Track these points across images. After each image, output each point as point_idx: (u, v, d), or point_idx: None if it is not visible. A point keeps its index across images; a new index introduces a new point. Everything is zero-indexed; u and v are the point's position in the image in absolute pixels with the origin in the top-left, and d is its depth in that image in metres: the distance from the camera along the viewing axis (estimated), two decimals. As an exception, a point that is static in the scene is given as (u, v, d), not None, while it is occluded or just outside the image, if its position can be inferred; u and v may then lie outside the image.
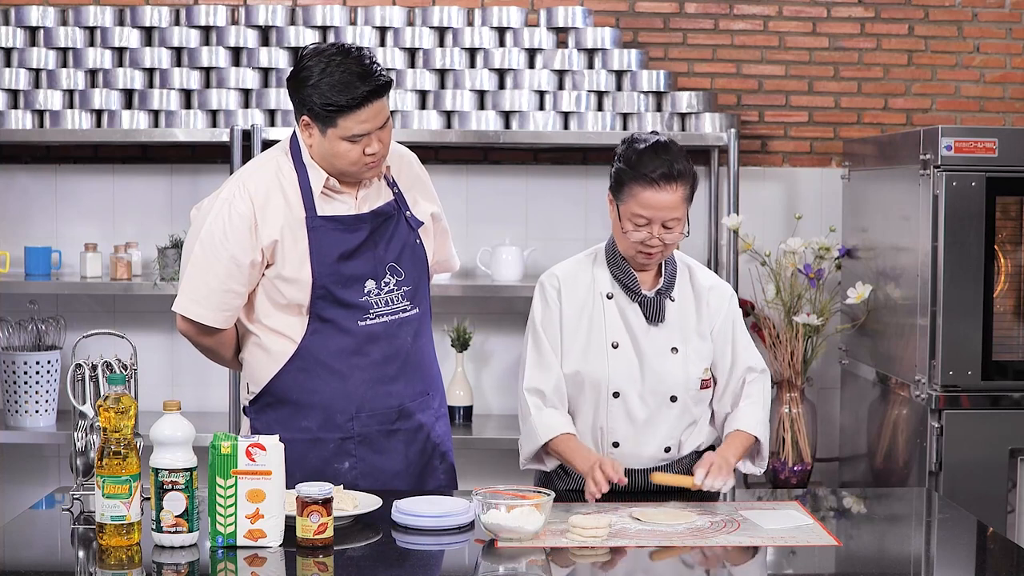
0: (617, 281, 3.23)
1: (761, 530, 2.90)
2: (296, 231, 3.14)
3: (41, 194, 4.94)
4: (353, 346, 3.19)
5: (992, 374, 4.11)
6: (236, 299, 3.17)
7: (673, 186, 3.10)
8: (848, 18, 5.06)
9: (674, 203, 3.11)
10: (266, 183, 3.16)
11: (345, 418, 3.21)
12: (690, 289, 3.28)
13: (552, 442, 3.18)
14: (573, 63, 4.79)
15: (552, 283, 3.27)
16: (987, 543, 3.00)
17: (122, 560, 2.68)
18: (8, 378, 4.65)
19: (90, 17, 4.75)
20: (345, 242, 3.16)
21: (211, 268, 3.13)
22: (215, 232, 3.12)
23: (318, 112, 3.06)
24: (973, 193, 4.07)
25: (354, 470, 3.23)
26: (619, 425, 3.21)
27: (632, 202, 3.12)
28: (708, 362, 3.26)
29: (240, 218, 3.12)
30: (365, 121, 3.06)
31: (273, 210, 3.14)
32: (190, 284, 3.16)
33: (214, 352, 3.32)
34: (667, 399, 3.21)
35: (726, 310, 3.29)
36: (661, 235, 3.12)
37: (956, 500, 3.74)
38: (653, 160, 3.11)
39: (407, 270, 3.24)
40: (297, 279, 3.15)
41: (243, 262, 3.12)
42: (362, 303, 3.18)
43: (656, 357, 3.20)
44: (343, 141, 3.08)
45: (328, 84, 3.03)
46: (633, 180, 3.12)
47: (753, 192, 4.98)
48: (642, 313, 3.22)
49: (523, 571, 2.64)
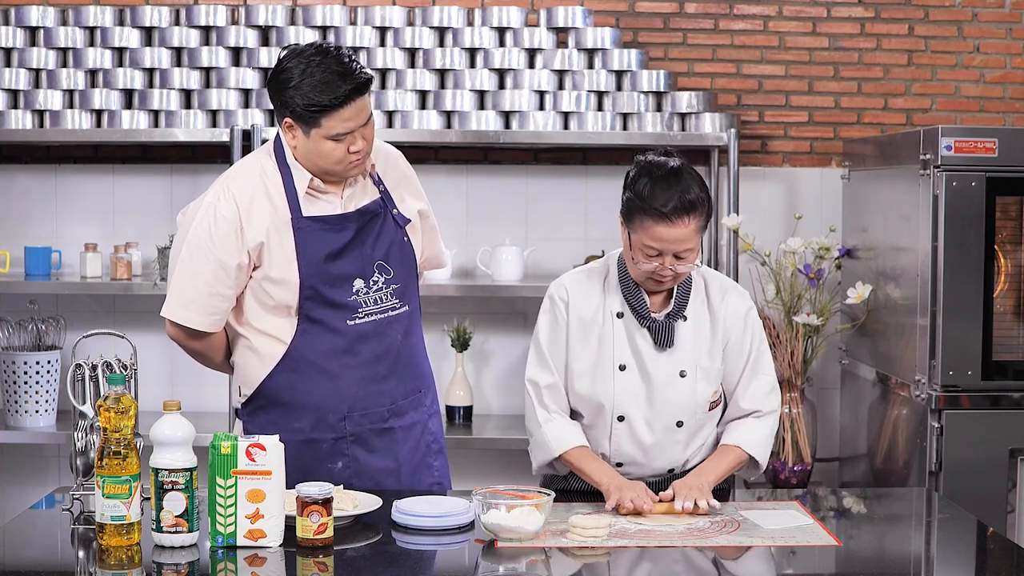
0: (627, 302, 3.14)
1: (761, 530, 2.90)
2: (282, 232, 3.13)
3: (41, 194, 4.94)
4: (343, 346, 3.18)
5: (992, 374, 4.11)
6: (224, 302, 3.16)
7: (686, 220, 2.97)
8: (848, 18, 5.06)
9: (687, 236, 2.98)
10: (251, 185, 3.15)
11: (337, 418, 3.21)
12: (705, 306, 3.16)
13: (565, 455, 3.14)
14: (573, 63, 4.79)
15: (561, 295, 3.18)
16: (987, 543, 3.00)
17: (122, 560, 2.68)
18: (8, 378, 4.65)
19: (90, 17, 4.75)
20: (332, 242, 3.15)
21: (198, 272, 3.13)
22: (201, 236, 3.12)
23: (301, 113, 3.05)
24: (973, 193, 4.07)
25: (347, 470, 3.22)
26: (624, 448, 3.15)
27: (643, 233, 3.00)
28: (717, 384, 3.16)
29: (225, 221, 3.11)
30: (348, 120, 3.05)
31: (258, 212, 3.13)
32: (178, 288, 3.16)
33: (204, 356, 3.31)
34: (674, 424, 3.14)
35: (741, 327, 3.16)
36: (673, 265, 3.01)
37: (956, 500, 3.74)
38: (664, 193, 2.96)
39: (395, 268, 3.23)
40: (284, 280, 3.14)
41: (229, 265, 3.12)
42: (351, 302, 3.17)
43: (664, 382, 3.12)
44: (327, 140, 3.07)
45: (309, 85, 3.02)
46: (643, 213, 2.98)
47: (753, 192, 4.98)
48: (651, 338, 3.12)
49: (523, 571, 2.64)
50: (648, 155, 3.08)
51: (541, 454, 3.18)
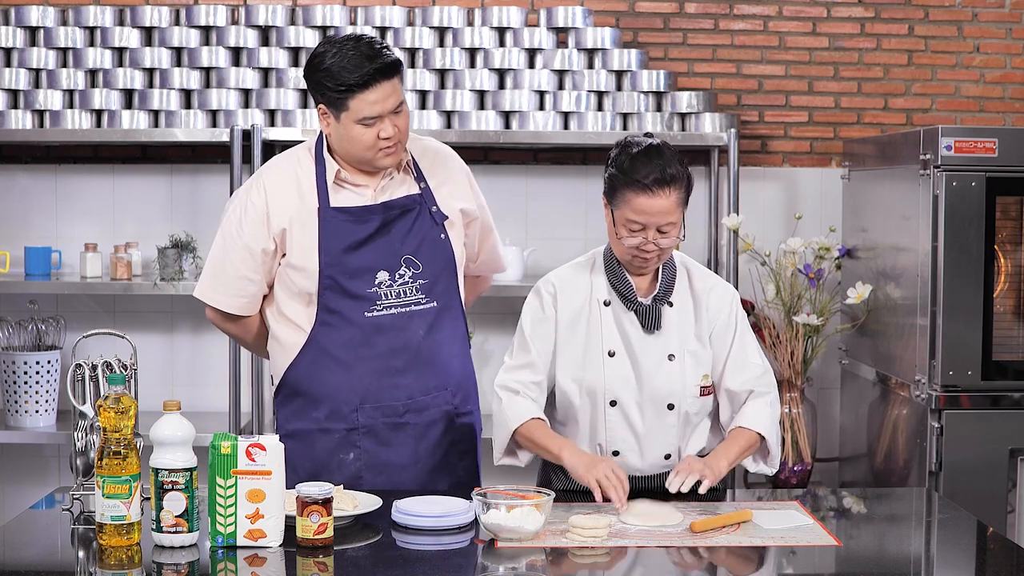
0: (613, 288, 3.19)
1: (761, 530, 2.90)
2: (306, 221, 3.22)
3: (41, 194, 4.94)
4: (360, 337, 3.23)
5: (992, 374, 4.11)
6: (251, 286, 3.28)
7: (667, 191, 3.05)
8: (848, 18, 5.06)
9: (668, 208, 3.06)
10: (283, 175, 3.27)
11: (350, 409, 3.26)
12: (689, 293, 3.22)
13: (522, 428, 3.14)
14: (573, 63, 4.79)
15: (548, 289, 3.23)
16: (987, 543, 3.00)
17: (122, 560, 2.68)
18: (8, 378, 4.65)
19: (90, 17, 4.75)
20: (353, 233, 3.21)
21: (227, 256, 3.27)
22: (232, 222, 3.27)
23: (331, 96, 3.15)
24: (973, 193, 4.07)
25: (358, 461, 3.26)
26: (618, 434, 3.18)
27: (626, 208, 3.07)
28: (707, 368, 3.21)
29: (254, 208, 3.24)
30: (375, 102, 3.13)
31: (285, 200, 3.23)
32: (209, 271, 3.32)
33: (241, 340, 3.46)
34: (665, 407, 3.17)
35: (727, 313, 3.22)
36: (656, 239, 3.07)
37: (956, 500, 3.74)
38: (646, 165, 3.05)
39: (426, 263, 3.26)
40: (304, 267, 3.22)
41: (255, 250, 3.24)
42: (369, 294, 3.22)
43: (653, 365, 3.16)
44: (356, 124, 3.15)
45: (338, 66, 3.13)
46: (626, 186, 3.06)
47: (753, 192, 4.99)
48: (638, 322, 3.17)
49: (523, 571, 2.64)
50: (627, 137, 3.17)
51: (500, 432, 3.18)
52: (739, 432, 3.18)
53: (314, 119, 4.63)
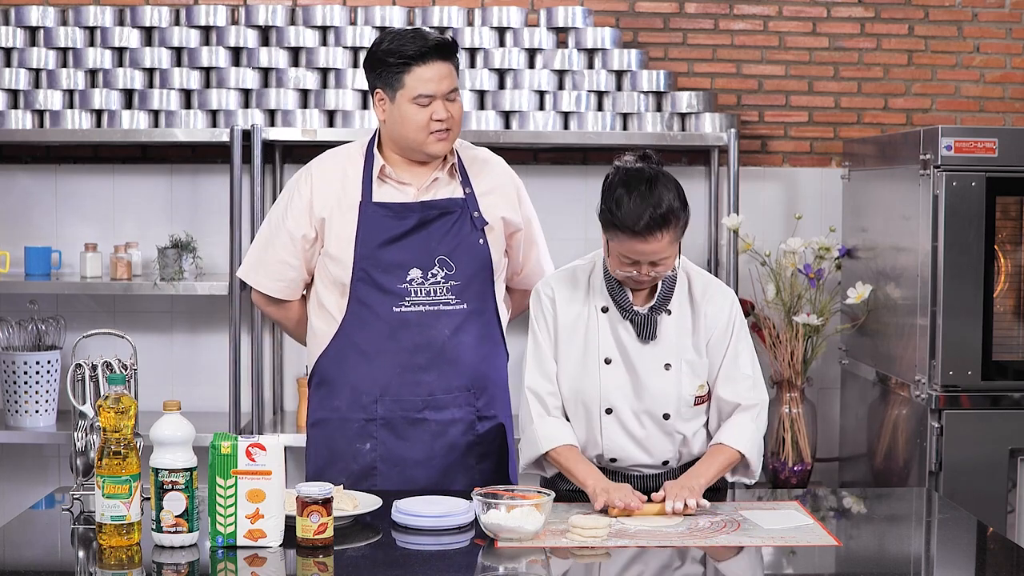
0: (611, 296, 3.16)
1: (761, 530, 2.90)
2: (347, 212, 3.30)
3: (41, 194, 4.94)
4: (387, 331, 3.30)
5: (992, 374, 4.11)
6: (290, 271, 3.38)
7: (659, 235, 2.96)
8: (848, 18, 5.06)
9: (660, 248, 2.99)
10: (331, 167, 3.37)
11: (370, 399, 3.32)
12: (688, 300, 3.18)
13: (553, 452, 3.14)
14: (573, 63, 4.79)
15: (547, 292, 3.21)
16: (987, 543, 3.00)
17: (122, 560, 2.68)
18: (8, 378, 4.65)
19: (90, 17, 4.75)
20: (391, 228, 3.28)
21: (271, 240, 3.40)
22: (280, 207, 3.40)
23: (389, 74, 3.25)
24: (973, 193, 4.07)
25: (374, 452, 3.31)
26: (615, 441, 3.16)
27: (617, 245, 3.01)
28: (703, 378, 3.17)
29: (299, 196, 3.35)
30: (430, 80, 3.23)
31: (329, 190, 3.33)
32: (253, 253, 3.45)
33: (283, 325, 3.56)
34: (660, 417, 3.15)
35: (724, 321, 3.17)
36: (649, 271, 3.03)
37: (956, 500, 3.74)
38: (637, 209, 2.94)
39: (460, 266, 3.31)
40: (340, 258, 3.30)
41: (296, 236, 3.34)
42: (399, 290, 3.28)
43: (648, 374, 3.13)
44: (411, 104, 3.23)
45: (397, 43, 3.25)
46: (617, 229, 2.98)
47: (753, 192, 4.98)
48: (633, 331, 3.15)
49: (523, 571, 2.65)
50: (626, 158, 3.08)
51: (529, 450, 3.19)
52: (719, 449, 3.14)
53: (314, 119, 4.63)
